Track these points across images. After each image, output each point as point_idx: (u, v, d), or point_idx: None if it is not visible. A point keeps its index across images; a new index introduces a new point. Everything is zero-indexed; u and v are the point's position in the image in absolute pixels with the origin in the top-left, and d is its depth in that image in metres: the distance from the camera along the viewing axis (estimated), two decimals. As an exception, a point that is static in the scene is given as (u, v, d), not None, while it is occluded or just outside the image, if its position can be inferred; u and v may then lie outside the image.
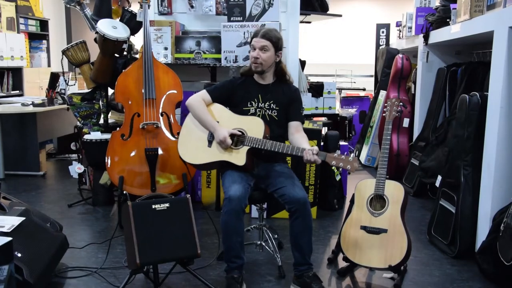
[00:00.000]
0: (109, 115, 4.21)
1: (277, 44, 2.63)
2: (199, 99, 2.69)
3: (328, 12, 4.65)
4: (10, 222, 2.31)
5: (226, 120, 2.66)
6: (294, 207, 2.44)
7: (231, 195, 2.38)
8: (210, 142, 2.64)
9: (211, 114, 2.67)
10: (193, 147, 2.68)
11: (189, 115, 2.75)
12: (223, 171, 2.63)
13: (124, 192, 3.16)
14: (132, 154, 3.24)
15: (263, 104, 2.68)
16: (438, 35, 4.18)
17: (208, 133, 2.65)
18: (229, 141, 2.55)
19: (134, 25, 3.98)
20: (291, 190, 2.47)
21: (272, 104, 2.68)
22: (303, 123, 2.76)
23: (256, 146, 2.51)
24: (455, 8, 3.71)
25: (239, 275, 2.46)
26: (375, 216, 2.64)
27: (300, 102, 2.76)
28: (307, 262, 2.53)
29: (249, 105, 2.68)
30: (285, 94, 2.71)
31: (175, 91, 3.39)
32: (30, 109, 4.85)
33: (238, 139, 2.58)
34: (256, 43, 2.61)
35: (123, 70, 3.45)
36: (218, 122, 2.65)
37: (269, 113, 2.68)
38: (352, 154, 2.38)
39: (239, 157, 2.54)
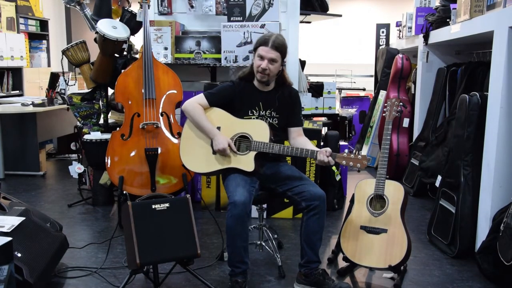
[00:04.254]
0: (109, 115, 4.22)
1: (285, 55, 2.59)
2: (194, 104, 2.61)
3: (328, 12, 4.66)
4: (10, 222, 2.31)
5: (228, 125, 2.60)
6: (314, 204, 2.43)
7: (236, 200, 2.33)
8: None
9: (210, 119, 2.60)
10: (197, 155, 2.62)
11: (187, 122, 2.67)
12: (226, 175, 2.58)
13: (124, 192, 3.16)
14: (132, 154, 3.25)
15: (264, 112, 2.63)
16: (438, 35, 4.18)
17: (211, 140, 2.58)
18: (229, 151, 2.52)
19: (134, 25, 3.98)
20: (311, 187, 2.47)
21: (273, 112, 2.64)
22: (302, 126, 2.77)
23: (264, 150, 2.49)
24: (455, 8, 3.71)
25: (243, 280, 2.44)
26: (375, 216, 2.64)
27: (300, 106, 2.76)
28: (318, 260, 2.53)
29: (250, 114, 2.63)
30: (286, 101, 2.67)
31: (175, 91, 3.39)
32: (30, 109, 4.85)
33: (242, 143, 2.54)
34: (265, 54, 2.50)
35: (123, 70, 3.45)
36: (219, 127, 2.59)
37: (270, 121, 2.64)
38: (361, 152, 2.36)
39: (247, 162, 2.51)
